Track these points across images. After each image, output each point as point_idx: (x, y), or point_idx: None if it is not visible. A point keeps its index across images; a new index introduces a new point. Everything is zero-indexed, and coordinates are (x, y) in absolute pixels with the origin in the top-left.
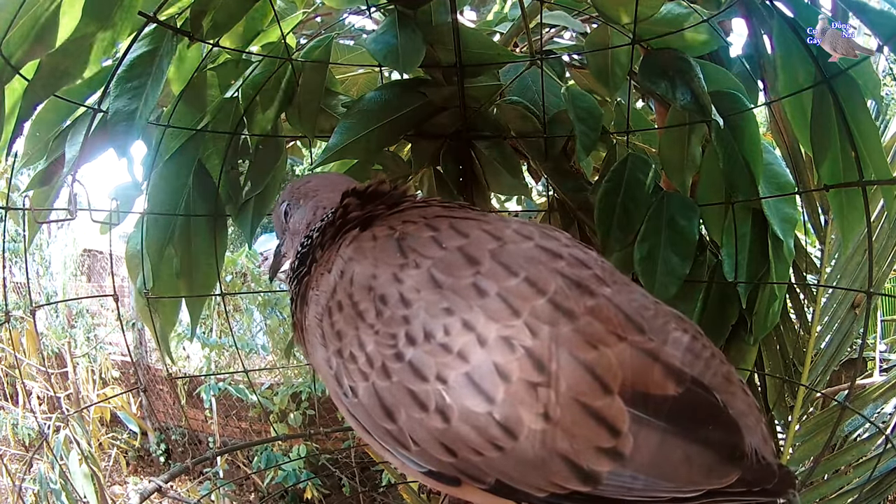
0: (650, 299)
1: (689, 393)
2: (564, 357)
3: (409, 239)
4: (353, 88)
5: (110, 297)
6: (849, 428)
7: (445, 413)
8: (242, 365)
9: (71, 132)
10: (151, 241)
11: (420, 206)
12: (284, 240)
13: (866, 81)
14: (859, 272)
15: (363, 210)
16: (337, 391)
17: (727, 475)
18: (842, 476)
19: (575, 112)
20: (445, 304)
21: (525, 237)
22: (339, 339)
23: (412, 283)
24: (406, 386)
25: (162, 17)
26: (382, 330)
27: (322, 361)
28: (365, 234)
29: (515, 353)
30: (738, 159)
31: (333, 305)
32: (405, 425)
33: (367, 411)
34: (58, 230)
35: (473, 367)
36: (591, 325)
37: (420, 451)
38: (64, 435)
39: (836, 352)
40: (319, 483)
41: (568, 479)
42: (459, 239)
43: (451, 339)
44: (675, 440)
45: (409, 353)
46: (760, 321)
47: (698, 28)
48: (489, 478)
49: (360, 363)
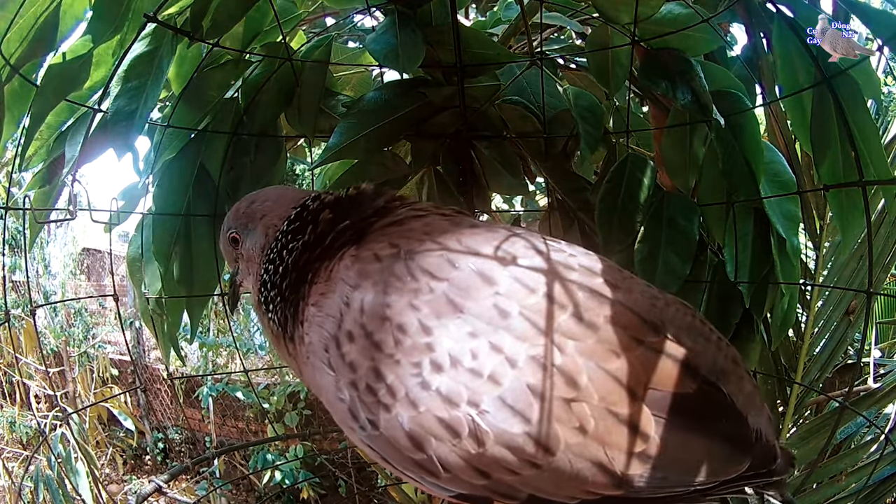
0: (654, 289)
1: (702, 390)
2: (593, 369)
3: (417, 259)
4: (346, 87)
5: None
6: (842, 435)
7: (480, 437)
8: (242, 365)
9: (71, 132)
10: (159, 243)
11: (417, 214)
12: (238, 268)
13: (866, 81)
14: (854, 277)
15: (347, 219)
16: (349, 423)
17: (740, 464)
18: (835, 484)
19: (577, 111)
20: (469, 329)
21: (536, 251)
22: (353, 370)
23: (430, 310)
24: (435, 414)
25: (162, 17)
26: (404, 360)
27: (329, 388)
28: (365, 254)
29: (547, 371)
30: (739, 159)
31: (342, 336)
32: (435, 453)
33: (390, 443)
34: (57, 229)
35: (506, 389)
36: (613, 334)
37: (451, 477)
38: (61, 433)
39: (830, 358)
40: (317, 482)
41: (602, 485)
42: (471, 257)
43: (479, 362)
44: (695, 436)
45: (436, 381)
46: (776, 325)
47: (698, 28)
48: (522, 494)
49: (381, 395)
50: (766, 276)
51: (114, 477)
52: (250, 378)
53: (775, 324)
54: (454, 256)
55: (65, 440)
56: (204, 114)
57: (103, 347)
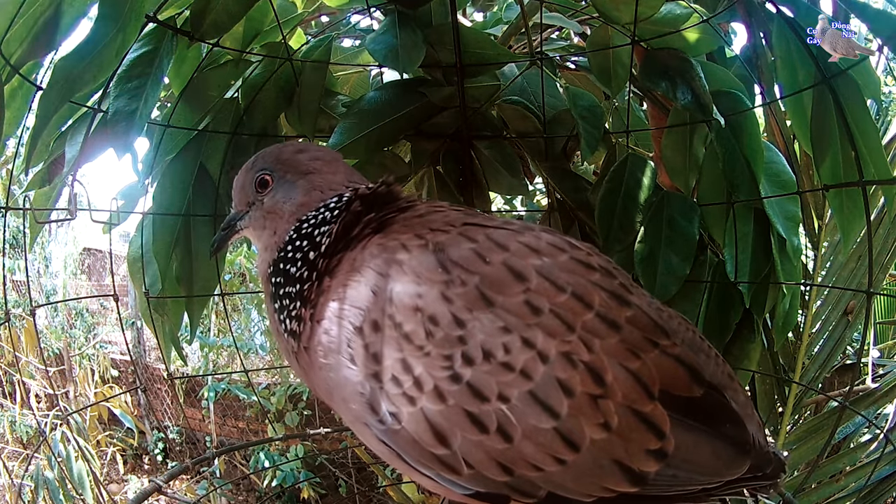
0: (656, 301)
1: (708, 394)
2: (616, 367)
3: (447, 251)
4: (344, 87)
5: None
6: (840, 435)
7: (508, 432)
8: (242, 365)
9: (71, 132)
10: (159, 243)
11: (437, 209)
12: (246, 214)
13: (866, 81)
14: (853, 277)
15: (373, 212)
16: (365, 417)
17: (742, 465)
18: (833, 483)
19: (577, 111)
20: (501, 323)
21: (559, 249)
22: (377, 362)
23: (463, 303)
24: (464, 408)
25: (162, 17)
26: (435, 352)
27: (345, 383)
28: (392, 244)
29: (576, 367)
30: (739, 158)
31: (367, 325)
32: (460, 449)
33: (411, 438)
34: (58, 229)
35: (537, 384)
36: (633, 335)
37: (473, 473)
38: (62, 433)
39: (829, 358)
40: (318, 482)
41: (620, 482)
42: (500, 252)
43: (512, 357)
44: (704, 437)
45: (467, 375)
46: (779, 325)
47: (698, 28)
48: (541, 491)
49: (406, 387)
50: (767, 276)
51: (114, 477)
52: (250, 378)
53: (777, 324)
54: (484, 250)
55: (65, 440)
56: (204, 114)
57: (104, 347)
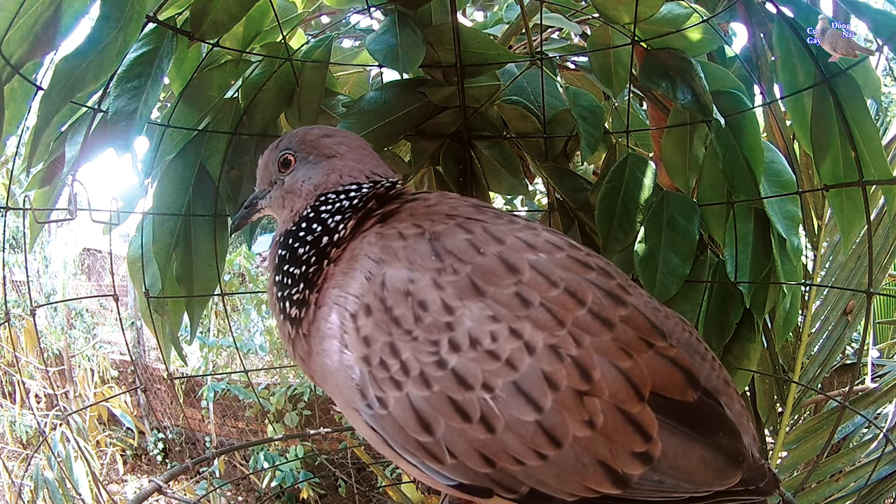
0: (654, 300)
1: (702, 400)
2: (605, 365)
3: (442, 240)
4: (344, 87)
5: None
6: (840, 435)
7: (490, 423)
8: (242, 365)
9: (71, 132)
10: (159, 243)
11: (446, 199)
12: (268, 193)
13: (866, 81)
14: (852, 277)
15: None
16: (355, 401)
17: (733, 476)
18: (833, 483)
19: (577, 111)
20: (490, 312)
21: (557, 247)
22: (367, 345)
23: (453, 291)
24: (448, 395)
25: (162, 17)
26: (422, 336)
27: (339, 368)
28: (389, 232)
29: (563, 361)
30: (739, 158)
31: (360, 309)
32: (443, 437)
33: (396, 423)
34: (58, 229)
35: (522, 375)
36: (626, 334)
37: (456, 463)
38: (61, 433)
39: (828, 358)
40: (317, 482)
41: (602, 483)
42: (495, 244)
43: (498, 346)
44: (694, 444)
45: (452, 361)
46: (779, 325)
47: (698, 28)
48: (524, 487)
49: (393, 371)
50: (767, 275)
51: (113, 477)
52: (250, 378)
53: (777, 324)
54: (479, 242)
55: (64, 440)
56: (204, 114)
57: (103, 347)
